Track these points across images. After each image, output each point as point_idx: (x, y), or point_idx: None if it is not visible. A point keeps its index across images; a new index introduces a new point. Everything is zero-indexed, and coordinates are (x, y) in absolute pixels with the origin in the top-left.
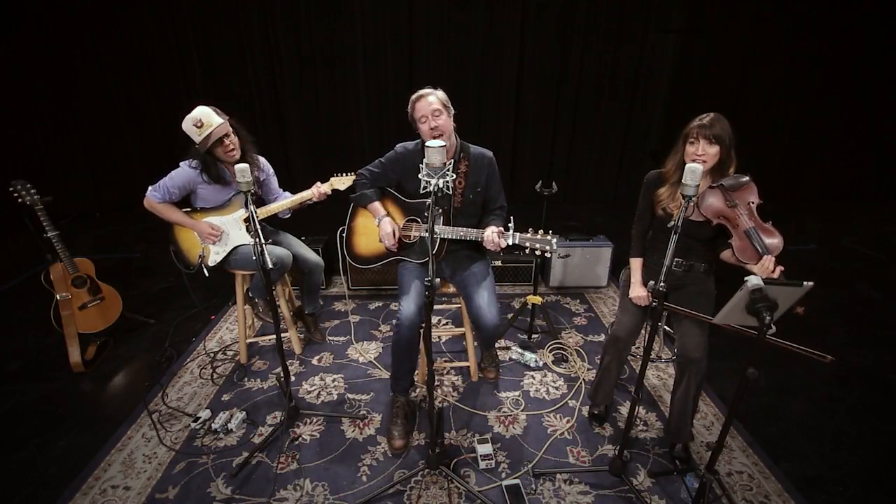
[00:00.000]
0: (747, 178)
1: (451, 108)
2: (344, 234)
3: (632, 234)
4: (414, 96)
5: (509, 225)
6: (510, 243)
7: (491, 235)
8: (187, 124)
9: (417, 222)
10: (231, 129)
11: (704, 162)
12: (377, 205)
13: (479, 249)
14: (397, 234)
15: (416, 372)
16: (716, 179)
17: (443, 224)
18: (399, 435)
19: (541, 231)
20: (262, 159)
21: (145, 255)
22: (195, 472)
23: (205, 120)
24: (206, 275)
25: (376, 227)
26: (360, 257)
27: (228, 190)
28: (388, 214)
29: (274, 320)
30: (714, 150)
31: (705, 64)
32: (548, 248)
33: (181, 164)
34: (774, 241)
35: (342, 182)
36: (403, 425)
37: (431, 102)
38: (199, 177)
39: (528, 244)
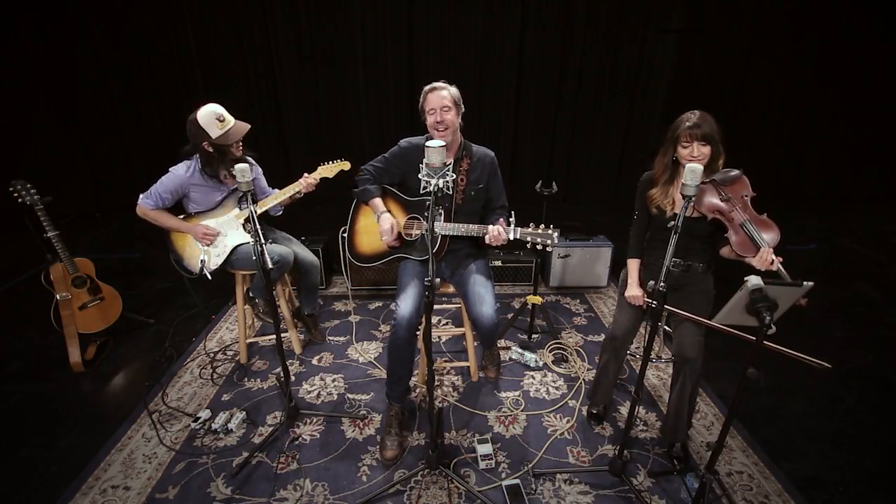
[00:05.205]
0: (738, 171)
1: (462, 106)
2: (346, 234)
3: (630, 235)
4: (427, 87)
5: (511, 220)
6: (511, 238)
7: (493, 231)
8: (208, 118)
9: (419, 220)
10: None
11: (700, 162)
12: (378, 201)
13: (479, 249)
14: (395, 231)
15: (416, 372)
16: (707, 175)
17: (444, 221)
18: (391, 445)
19: (542, 226)
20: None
21: (145, 255)
22: (195, 472)
23: (225, 116)
24: (209, 279)
25: (377, 225)
26: (362, 256)
27: (219, 192)
28: (389, 212)
29: (274, 320)
30: (707, 149)
31: (705, 64)
32: (549, 241)
33: (171, 169)
34: (771, 233)
35: (330, 170)
36: (397, 435)
37: (443, 97)
38: (190, 178)
39: (529, 238)
